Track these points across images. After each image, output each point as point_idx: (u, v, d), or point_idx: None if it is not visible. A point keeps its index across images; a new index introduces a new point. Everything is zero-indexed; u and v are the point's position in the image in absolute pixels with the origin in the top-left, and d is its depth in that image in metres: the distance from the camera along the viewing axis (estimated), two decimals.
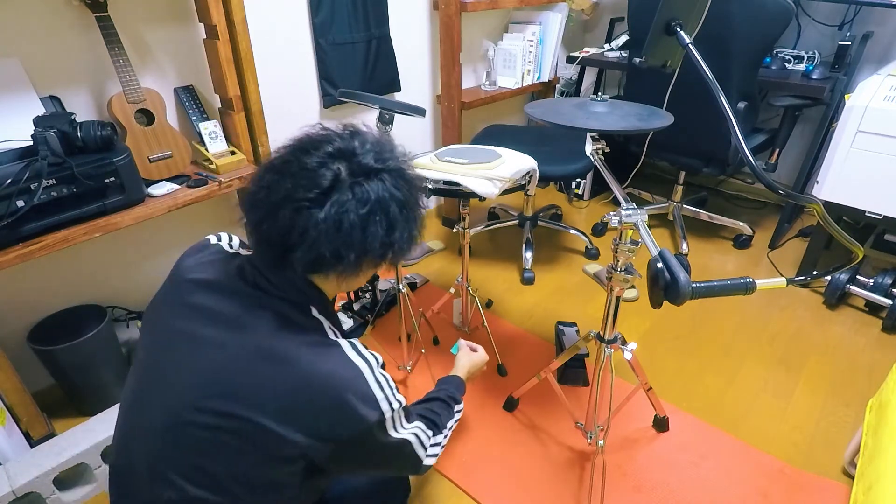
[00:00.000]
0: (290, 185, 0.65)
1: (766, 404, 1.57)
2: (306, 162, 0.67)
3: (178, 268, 0.78)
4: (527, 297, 2.07)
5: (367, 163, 0.68)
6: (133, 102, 1.39)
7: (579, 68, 2.75)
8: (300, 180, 0.65)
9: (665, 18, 1.05)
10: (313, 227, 0.65)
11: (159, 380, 0.70)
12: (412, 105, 1.27)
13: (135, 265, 1.70)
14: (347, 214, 0.65)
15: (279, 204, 0.66)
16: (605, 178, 1.12)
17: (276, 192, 0.66)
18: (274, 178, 0.68)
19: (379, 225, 0.67)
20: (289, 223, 0.65)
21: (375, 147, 0.71)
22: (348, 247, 0.66)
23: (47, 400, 1.54)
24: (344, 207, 0.65)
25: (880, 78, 1.78)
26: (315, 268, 0.68)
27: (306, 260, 0.66)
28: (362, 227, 0.66)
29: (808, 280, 2.14)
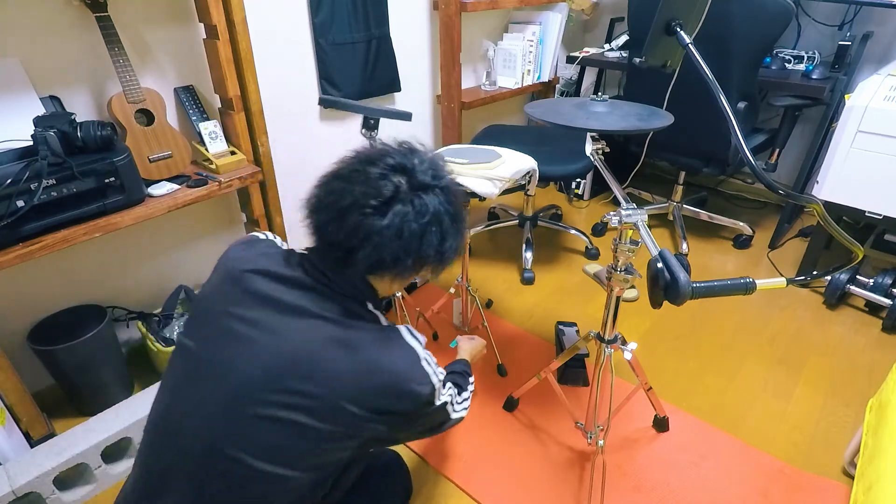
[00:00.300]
0: (358, 192, 0.73)
1: (766, 404, 1.57)
2: (371, 172, 0.75)
3: (229, 260, 0.82)
4: (527, 297, 2.07)
5: (424, 179, 0.77)
6: (133, 102, 1.39)
7: (579, 68, 2.75)
8: (366, 188, 0.73)
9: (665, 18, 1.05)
10: (377, 232, 0.72)
11: (222, 364, 0.74)
12: (398, 110, 1.25)
13: (135, 265, 1.70)
14: (408, 224, 0.74)
15: (347, 209, 0.73)
16: (605, 178, 1.12)
17: (344, 198, 0.74)
18: (342, 185, 0.75)
19: (434, 235, 0.76)
20: (354, 227, 0.73)
21: (431, 165, 0.79)
22: (407, 253, 0.75)
23: (47, 400, 1.54)
24: (406, 217, 0.73)
25: (880, 78, 1.78)
26: (375, 269, 0.76)
27: (369, 262, 0.74)
28: (420, 235, 0.75)
29: (808, 280, 2.14)
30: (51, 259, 1.49)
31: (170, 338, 1.60)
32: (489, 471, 1.37)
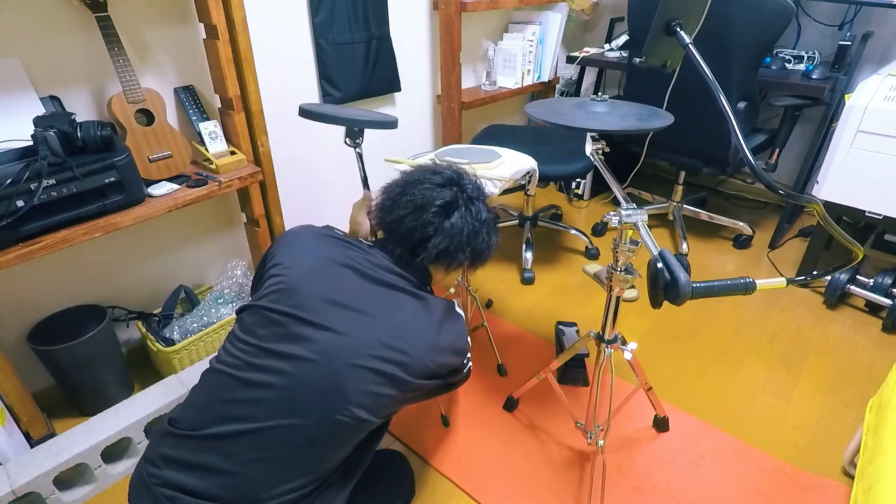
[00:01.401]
0: (429, 195, 0.95)
1: (766, 404, 1.57)
2: (433, 180, 0.97)
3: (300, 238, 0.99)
4: (527, 297, 2.07)
5: (472, 193, 0.99)
6: (133, 102, 1.39)
7: (579, 68, 2.75)
8: (434, 193, 0.95)
9: (665, 18, 1.05)
10: (447, 227, 0.94)
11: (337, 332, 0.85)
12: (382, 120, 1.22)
13: (135, 265, 1.70)
14: (469, 223, 0.96)
15: (423, 207, 0.94)
16: (605, 178, 1.12)
17: (420, 197, 0.95)
18: (414, 188, 0.96)
19: (485, 234, 0.99)
20: (430, 221, 0.94)
21: (474, 184, 1.02)
22: (466, 245, 0.96)
23: (47, 400, 1.54)
24: (467, 218, 0.96)
25: (880, 78, 1.78)
26: (440, 257, 0.96)
27: (438, 249, 0.94)
28: (476, 233, 0.97)
29: (808, 280, 2.13)
30: (51, 259, 1.49)
31: (169, 338, 1.60)
32: (489, 471, 1.37)
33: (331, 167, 2.11)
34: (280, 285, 0.89)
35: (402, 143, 2.33)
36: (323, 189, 2.14)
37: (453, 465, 1.39)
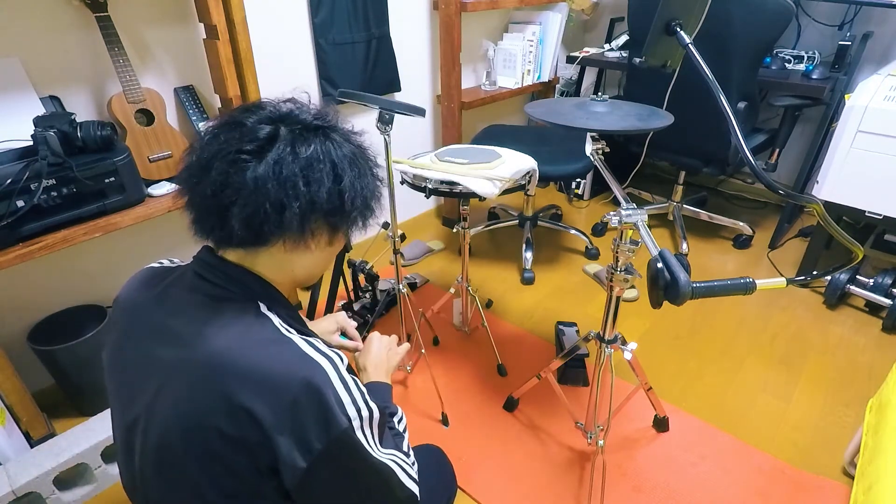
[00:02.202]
0: (224, 139, 0.61)
1: (766, 404, 1.57)
2: (242, 119, 0.62)
3: (118, 300, 0.74)
4: (527, 297, 2.07)
5: (307, 119, 0.64)
6: (133, 102, 1.39)
7: (579, 68, 2.75)
8: (235, 135, 0.61)
9: (665, 18, 1.05)
10: (251, 180, 0.59)
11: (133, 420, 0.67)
12: (412, 105, 1.27)
13: (135, 265, 1.68)
14: (286, 163, 0.60)
15: (211, 160, 0.60)
16: (605, 178, 1.12)
17: (208, 150, 0.61)
18: (207, 140, 0.63)
19: (323, 173, 0.61)
20: (223, 178, 0.59)
21: (316, 110, 0.67)
22: (291, 197, 0.60)
23: (47, 400, 1.54)
24: (282, 156, 0.60)
25: (880, 78, 1.78)
26: (256, 230, 0.61)
27: (245, 215, 0.60)
28: (304, 175, 0.60)
29: (808, 280, 2.14)
30: (51, 259, 1.49)
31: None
32: (489, 471, 1.37)
33: None
34: None
35: (402, 143, 2.32)
36: None
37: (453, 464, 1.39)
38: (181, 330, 0.64)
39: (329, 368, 0.61)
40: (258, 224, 0.60)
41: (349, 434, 0.60)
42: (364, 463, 0.63)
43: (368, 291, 1.94)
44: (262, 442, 0.57)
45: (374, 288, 1.92)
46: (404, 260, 2.30)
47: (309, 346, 0.62)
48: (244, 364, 0.59)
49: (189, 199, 0.64)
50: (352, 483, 0.64)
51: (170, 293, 0.69)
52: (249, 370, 0.59)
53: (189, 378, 0.61)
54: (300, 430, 0.57)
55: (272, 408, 0.57)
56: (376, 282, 1.93)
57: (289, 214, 0.60)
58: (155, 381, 0.64)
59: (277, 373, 0.59)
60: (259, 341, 0.62)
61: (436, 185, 1.34)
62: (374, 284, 1.92)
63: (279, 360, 0.60)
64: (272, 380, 0.58)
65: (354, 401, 0.61)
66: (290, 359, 0.60)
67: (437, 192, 1.38)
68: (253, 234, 0.62)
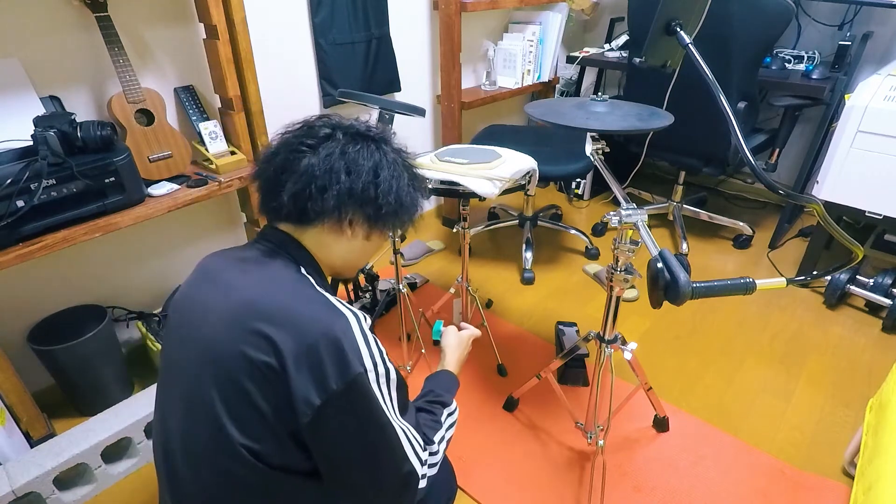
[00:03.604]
0: (293, 136, 0.76)
1: (766, 404, 1.57)
2: (311, 123, 0.77)
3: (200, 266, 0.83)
4: (527, 297, 2.07)
5: (361, 128, 0.77)
6: (133, 102, 1.39)
7: (579, 68, 2.75)
8: (301, 132, 0.76)
9: (665, 18, 1.05)
10: (305, 165, 0.72)
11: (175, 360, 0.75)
12: (412, 105, 1.27)
13: (135, 265, 1.70)
14: (335, 156, 0.73)
15: (277, 151, 0.75)
16: (605, 178, 1.12)
17: (278, 145, 0.76)
18: (282, 136, 0.78)
19: (364, 169, 0.74)
20: (284, 162, 0.73)
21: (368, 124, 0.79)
22: (331, 184, 0.72)
23: (47, 400, 1.54)
24: (334, 150, 0.73)
25: (880, 78, 1.78)
26: (301, 207, 0.73)
27: (293, 192, 0.72)
28: (347, 168, 0.73)
29: (808, 280, 2.14)
30: (51, 259, 1.49)
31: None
32: (489, 471, 1.37)
33: None
34: None
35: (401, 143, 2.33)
36: None
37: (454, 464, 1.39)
38: (231, 278, 0.73)
39: (353, 321, 0.68)
40: (304, 201, 0.72)
41: (363, 380, 0.65)
42: (373, 415, 0.67)
43: (368, 291, 1.94)
44: (281, 373, 0.63)
45: (374, 288, 1.92)
46: (404, 260, 2.30)
47: (338, 301, 0.70)
48: (277, 304, 0.67)
49: (259, 180, 0.78)
50: (359, 433, 0.67)
51: (230, 255, 0.79)
52: (281, 308, 0.66)
53: (228, 313, 0.68)
54: (318, 368, 0.63)
55: (296, 342, 0.63)
56: (376, 282, 1.93)
57: (328, 196, 0.72)
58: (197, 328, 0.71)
59: (305, 314, 0.66)
60: (295, 289, 0.71)
61: (436, 185, 1.34)
62: (374, 284, 1.92)
63: (308, 306, 0.68)
64: (299, 319, 0.65)
65: (372, 354, 0.67)
66: (318, 307, 0.68)
67: (438, 192, 1.38)
68: (298, 210, 0.73)
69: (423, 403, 0.87)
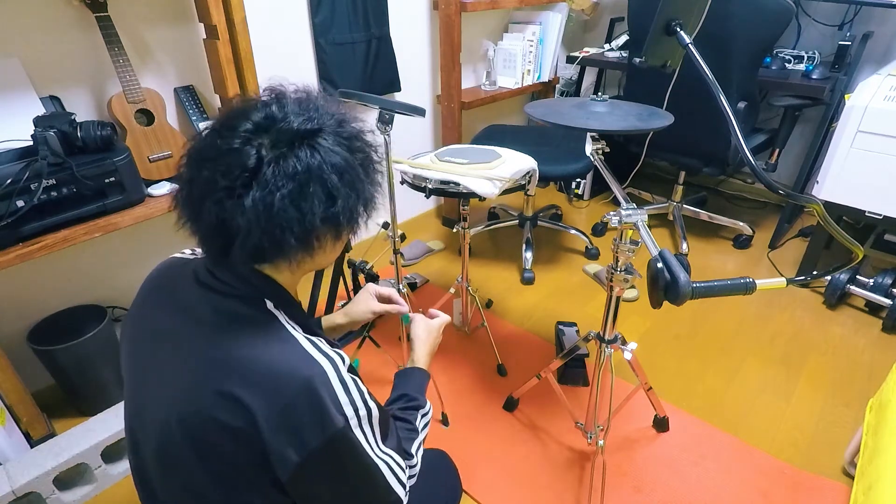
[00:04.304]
0: (208, 174, 0.59)
1: (766, 404, 1.57)
2: (222, 145, 0.60)
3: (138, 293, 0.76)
4: (527, 297, 2.07)
5: (292, 127, 0.60)
6: (133, 102, 1.39)
7: (579, 68, 2.75)
8: (219, 167, 0.59)
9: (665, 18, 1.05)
10: (241, 216, 0.58)
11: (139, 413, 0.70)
12: (412, 105, 1.27)
13: (135, 265, 1.70)
14: (273, 195, 0.58)
15: (201, 198, 0.60)
16: (605, 178, 1.12)
17: (196, 185, 0.61)
18: (193, 171, 0.62)
19: (315, 197, 0.60)
20: (215, 218, 0.59)
21: (300, 107, 0.63)
22: (285, 230, 0.59)
23: (47, 400, 1.54)
24: (268, 188, 0.58)
25: (880, 78, 1.78)
26: (259, 259, 0.64)
27: (246, 253, 0.60)
28: (296, 204, 0.59)
29: (808, 280, 2.13)
30: (51, 259, 1.49)
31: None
32: (489, 471, 1.37)
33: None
34: None
35: (401, 143, 2.32)
36: None
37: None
38: (183, 327, 0.66)
39: (329, 368, 0.62)
40: (261, 254, 0.62)
41: (345, 432, 0.61)
42: (357, 460, 0.64)
43: None
44: (255, 434, 0.58)
45: None
46: (404, 260, 2.30)
47: (311, 346, 0.63)
48: (246, 359, 0.60)
49: (190, 230, 0.64)
50: (342, 480, 0.64)
51: (179, 287, 0.70)
52: (251, 365, 0.60)
53: (192, 369, 0.62)
54: (296, 428, 0.58)
55: (269, 403, 0.58)
56: (376, 282, 1.93)
57: (287, 244, 0.61)
58: (157, 373, 0.66)
59: (277, 370, 0.60)
60: (263, 339, 0.63)
61: (436, 185, 1.34)
62: None
63: (281, 358, 0.61)
64: (272, 376, 0.59)
65: (353, 400, 0.62)
66: (290, 358, 0.61)
67: (438, 192, 1.38)
68: (258, 260, 0.64)
69: (398, 411, 0.84)
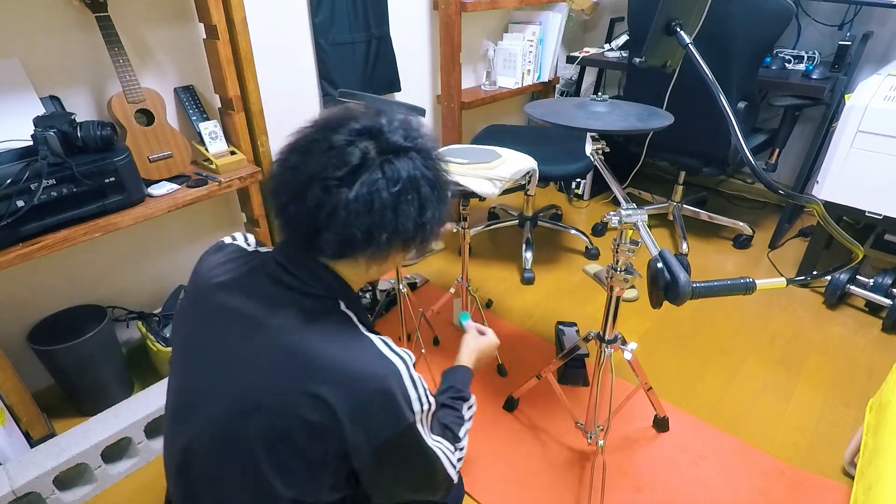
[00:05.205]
0: (318, 163, 0.64)
1: (766, 404, 1.57)
2: (333, 139, 0.64)
3: (197, 273, 0.77)
4: (527, 297, 2.07)
5: (396, 140, 0.66)
6: (133, 102, 1.39)
7: (579, 68, 2.75)
8: (329, 158, 0.63)
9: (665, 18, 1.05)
10: (343, 206, 0.62)
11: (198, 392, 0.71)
12: (412, 105, 1.27)
13: (135, 265, 1.70)
14: (379, 193, 0.63)
15: (307, 183, 0.64)
16: (605, 178, 1.12)
17: (302, 171, 0.64)
18: (300, 157, 0.66)
19: (411, 204, 0.66)
20: (317, 203, 0.63)
21: (403, 125, 0.69)
22: (380, 227, 0.64)
23: (47, 400, 1.54)
24: (375, 186, 0.63)
25: (880, 78, 1.78)
26: (345, 250, 0.66)
27: (337, 240, 0.64)
28: (394, 206, 0.64)
29: (808, 280, 2.14)
30: (51, 259, 1.49)
31: (170, 338, 1.60)
32: (489, 470, 1.37)
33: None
34: None
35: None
36: None
37: None
38: (261, 317, 0.67)
39: (402, 367, 0.66)
40: (347, 247, 0.65)
41: (412, 427, 0.67)
42: (420, 449, 0.70)
43: (368, 291, 1.94)
44: (336, 430, 0.63)
45: (374, 288, 1.92)
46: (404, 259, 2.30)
47: (384, 346, 0.68)
48: (330, 359, 0.64)
49: (279, 211, 0.68)
50: (408, 466, 0.71)
51: (251, 278, 0.72)
52: (334, 364, 0.64)
53: (269, 365, 0.65)
54: (371, 422, 0.64)
55: (349, 400, 0.62)
56: (376, 282, 1.93)
57: (376, 242, 0.65)
58: (225, 363, 0.68)
59: (358, 370, 0.64)
60: (343, 339, 0.67)
61: None
62: (374, 284, 1.92)
63: (359, 358, 0.66)
64: (353, 376, 0.64)
65: (419, 397, 0.67)
66: (368, 357, 0.66)
67: None
68: (341, 251, 0.67)
69: (447, 400, 0.91)
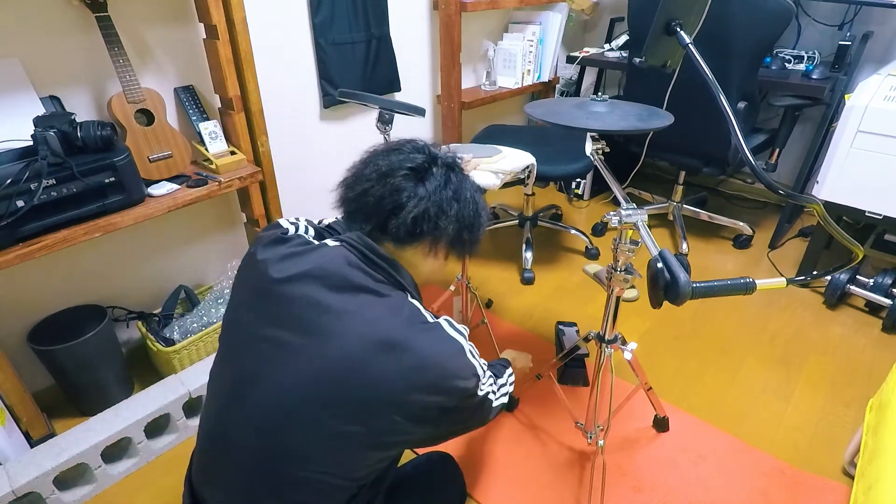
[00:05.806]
0: (398, 159, 0.81)
1: (766, 404, 1.57)
2: (403, 148, 0.83)
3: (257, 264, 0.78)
4: (527, 297, 2.07)
5: (449, 161, 0.84)
6: (133, 102, 1.39)
7: (579, 68, 2.75)
8: (406, 156, 0.81)
9: (665, 18, 1.05)
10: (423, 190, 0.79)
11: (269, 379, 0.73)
12: (412, 105, 1.27)
13: (135, 265, 1.70)
14: (447, 187, 0.81)
15: (388, 173, 0.79)
16: (605, 178, 1.12)
17: (385, 165, 0.80)
18: (379, 158, 0.82)
19: (470, 203, 0.83)
20: (398, 186, 0.78)
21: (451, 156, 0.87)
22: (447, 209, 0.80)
23: (47, 400, 1.54)
24: (444, 180, 0.81)
25: (880, 78, 1.78)
26: (414, 229, 0.79)
27: (410, 218, 0.77)
28: (457, 199, 0.81)
29: (808, 280, 2.13)
30: (51, 259, 1.49)
31: (169, 338, 1.60)
32: (489, 470, 1.37)
33: (331, 167, 2.11)
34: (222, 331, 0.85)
35: None
36: (323, 189, 2.14)
37: None
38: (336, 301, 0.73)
39: (466, 346, 0.78)
40: (423, 222, 0.79)
41: (475, 390, 0.79)
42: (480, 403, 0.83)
43: None
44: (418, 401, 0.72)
45: None
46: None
47: (450, 327, 0.78)
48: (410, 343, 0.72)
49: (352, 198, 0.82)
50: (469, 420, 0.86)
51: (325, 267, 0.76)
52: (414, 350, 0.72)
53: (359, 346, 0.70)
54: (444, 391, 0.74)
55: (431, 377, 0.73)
56: None
57: (443, 223, 0.80)
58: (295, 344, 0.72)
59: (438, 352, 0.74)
60: (417, 325, 0.75)
61: None
62: None
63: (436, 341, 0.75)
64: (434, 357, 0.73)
65: (480, 366, 0.80)
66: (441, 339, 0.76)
67: None
68: (408, 232, 0.79)
69: (494, 362, 1.08)
